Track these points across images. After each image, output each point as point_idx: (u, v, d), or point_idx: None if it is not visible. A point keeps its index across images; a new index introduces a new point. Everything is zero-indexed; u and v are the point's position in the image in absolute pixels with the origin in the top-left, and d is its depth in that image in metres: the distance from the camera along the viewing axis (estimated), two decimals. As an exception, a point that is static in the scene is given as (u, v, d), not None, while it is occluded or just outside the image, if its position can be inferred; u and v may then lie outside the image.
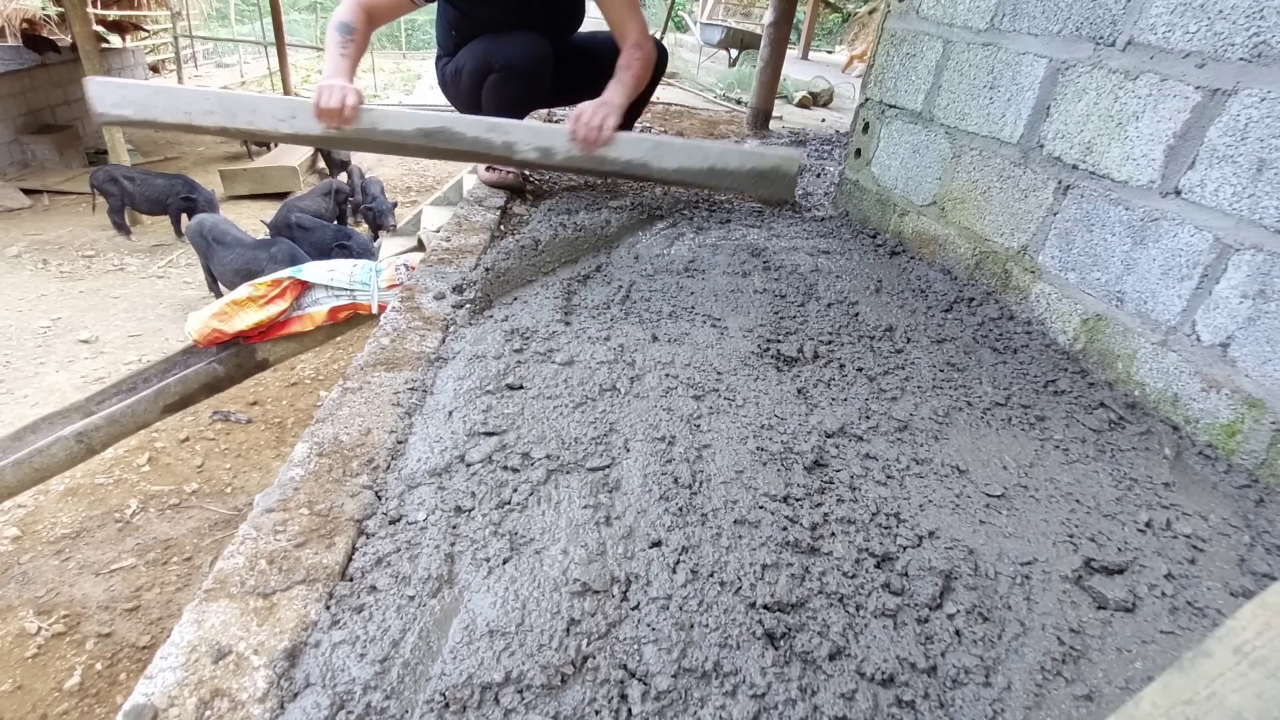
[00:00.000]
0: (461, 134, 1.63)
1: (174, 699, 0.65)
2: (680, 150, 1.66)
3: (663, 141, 1.67)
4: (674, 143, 1.68)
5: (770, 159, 1.67)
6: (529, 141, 1.63)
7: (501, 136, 1.63)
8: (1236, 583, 0.92)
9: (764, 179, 1.66)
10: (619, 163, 1.65)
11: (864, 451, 1.10)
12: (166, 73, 13.78)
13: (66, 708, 2.16)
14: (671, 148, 1.66)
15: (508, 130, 1.63)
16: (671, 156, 1.65)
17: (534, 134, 1.64)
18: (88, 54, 6.10)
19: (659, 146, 1.66)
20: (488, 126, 1.65)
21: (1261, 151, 1.11)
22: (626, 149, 1.65)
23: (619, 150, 1.65)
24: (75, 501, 3.01)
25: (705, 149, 1.65)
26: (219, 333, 2.00)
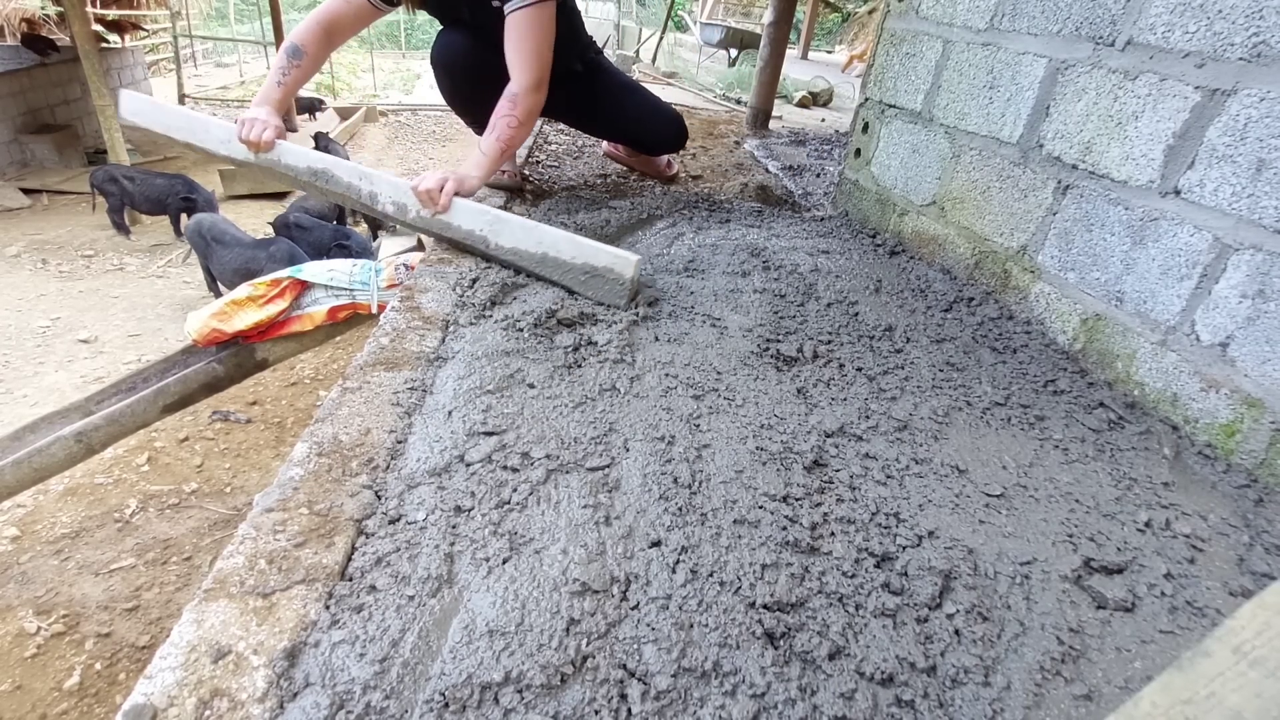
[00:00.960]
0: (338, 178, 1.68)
1: (173, 699, 0.65)
2: (517, 229, 1.55)
3: (500, 217, 1.57)
4: (511, 220, 1.56)
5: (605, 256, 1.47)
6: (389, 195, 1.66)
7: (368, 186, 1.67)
8: (1236, 582, 0.92)
9: (595, 278, 1.48)
10: (460, 231, 1.61)
11: (864, 451, 1.10)
12: (166, 72, 13.78)
13: (66, 707, 2.16)
14: (509, 225, 1.56)
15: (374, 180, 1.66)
16: (508, 234, 1.56)
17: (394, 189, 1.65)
18: (87, 54, 6.09)
19: (497, 222, 1.57)
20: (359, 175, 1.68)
21: (1261, 151, 1.11)
22: (466, 219, 1.61)
23: (459, 219, 1.61)
24: (75, 501, 3.01)
25: (541, 233, 1.53)
26: (218, 332, 2.00)
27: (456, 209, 1.62)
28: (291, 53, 1.80)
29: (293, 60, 1.80)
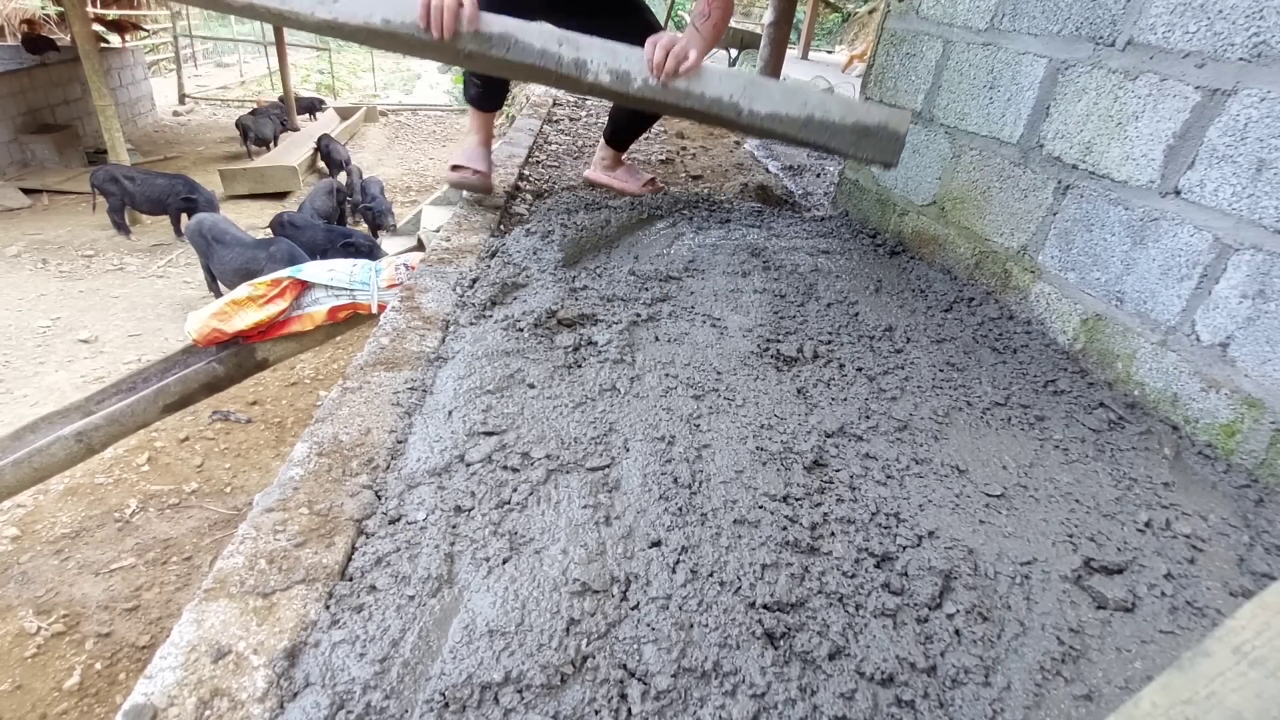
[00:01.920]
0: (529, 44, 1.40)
1: (174, 699, 0.65)
2: (776, 93, 1.41)
3: (756, 80, 1.43)
4: (768, 83, 1.43)
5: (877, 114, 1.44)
6: (603, 62, 1.41)
7: (571, 52, 1.40)
8: (1236, 582, 0.92)
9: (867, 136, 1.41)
10: (705, 99, 1.41)
11: (864, 451, 1.10)
12: (166, 72, 13.78)
13: (66, 707, 2.16)
14: (765, 88, 1.41)
15: (579, 45, 1.40)
16: (765, 98, 1.40)
17: (609, 54, 1.41)
18: (87, 53, 6.10)
19: (751, 85, 1.42)
20: (557, 39, 1.41)
21: (1261, 151, 1.11)
22: (713, 84, 1.42)
23: (704, 85, 1.42)
24: (75, 501, 3.01)
25: (805, 94, 1.41)
26: (219, 332, 2.00)
27: (703, 74, 1.44)
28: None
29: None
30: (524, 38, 1.41)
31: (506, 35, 1.40)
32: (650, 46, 1.43)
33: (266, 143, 9.37)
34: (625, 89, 1.42)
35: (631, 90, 1.42)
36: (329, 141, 8.81)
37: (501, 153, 2.73)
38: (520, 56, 1.41)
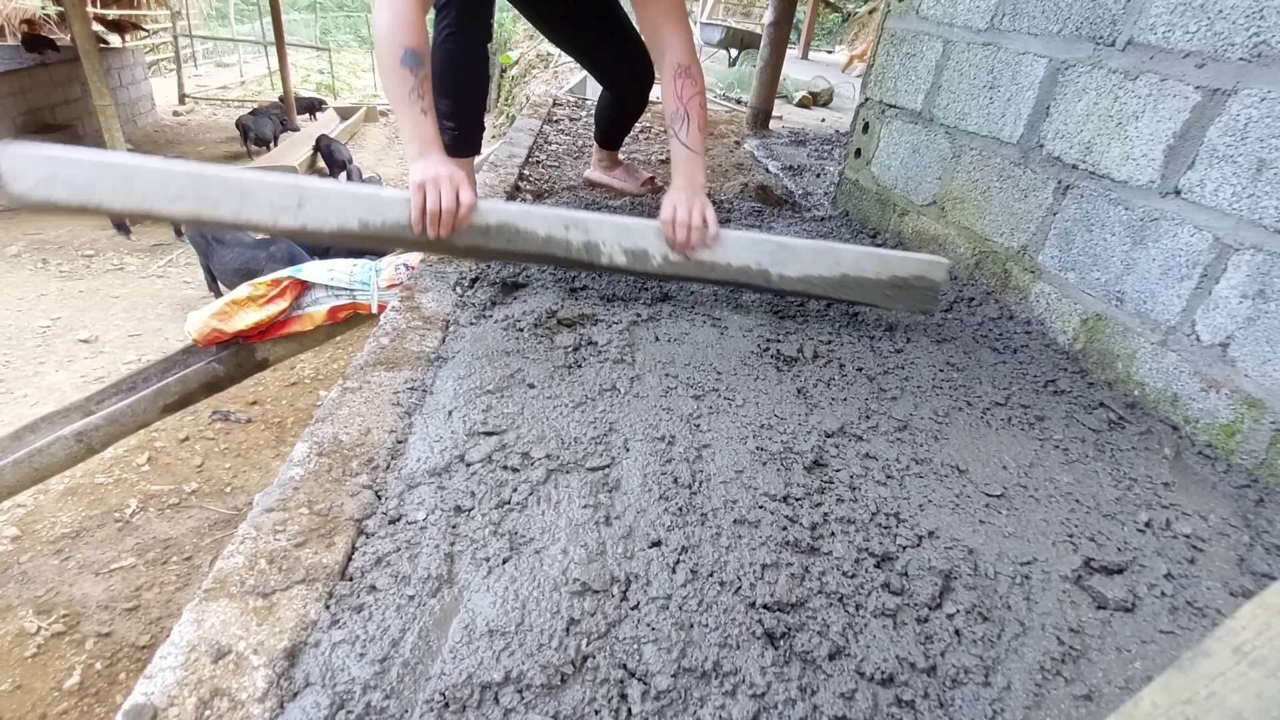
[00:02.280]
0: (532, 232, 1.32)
1: (174, 698, 0.65)
2: (806, 254, 1.35)
3: (784, 244, 1.35)
4: (798, 246, 1.35)
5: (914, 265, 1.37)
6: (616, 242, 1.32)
7: (580, 236, 1.32)
8: (1236, 582, 0.92)
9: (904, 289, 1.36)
10: (731, 269, 1.35)
11: (864, 451, 1.10)
12: (166, 72, 13.79)
13: (66, 707, 2.16)
14: (795, 251, 1.35)
15: (588, 227, 1.32)
16: (795, 262, 1.34)
17: (622, 232, 1.32)
18: (87, 53, 6.10)
19: (780, 250, 1.34)
20: (563, 222, 1.32)
21: (1261, 151, 1.11)
22: (739, 252, 1.34)
23: (729, 254, 1.34)
24: (75, 501, 3.01)
25: (837, 253, 1.35)
26: (219, 332, 2.00)
27: (727, 241, 1.35)
28: (412, 61, 1.30)
29: (417, 72, 1.31)
30: (526, 225, 1.32)
31: (506, 226, 1.32)
32: (668, 225, 1.35)
33: (266, 143, 9.37)
34: (644, 268, 1.34)
35: (651, 268, 1.34)
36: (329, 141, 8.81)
37: (502, 153, 2.73)
38: (524, 246, 1.33)
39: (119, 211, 1.27)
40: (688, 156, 1.44)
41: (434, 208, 1.25)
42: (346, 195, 1.29)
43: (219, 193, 1.24)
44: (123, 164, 1.23)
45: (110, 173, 1.22)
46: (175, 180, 1.23)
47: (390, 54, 1.29)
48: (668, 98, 1.47)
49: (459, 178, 1.28)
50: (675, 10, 1.47)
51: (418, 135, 1.30)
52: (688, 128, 1.44)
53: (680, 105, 1.44)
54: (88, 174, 1.21)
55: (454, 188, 1.26)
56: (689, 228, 1.33)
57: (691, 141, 1.44)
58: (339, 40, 19.74)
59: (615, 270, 1.34)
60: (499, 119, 8.72)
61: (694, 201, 1.36)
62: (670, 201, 1.37)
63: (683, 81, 1.45)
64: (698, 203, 1.36)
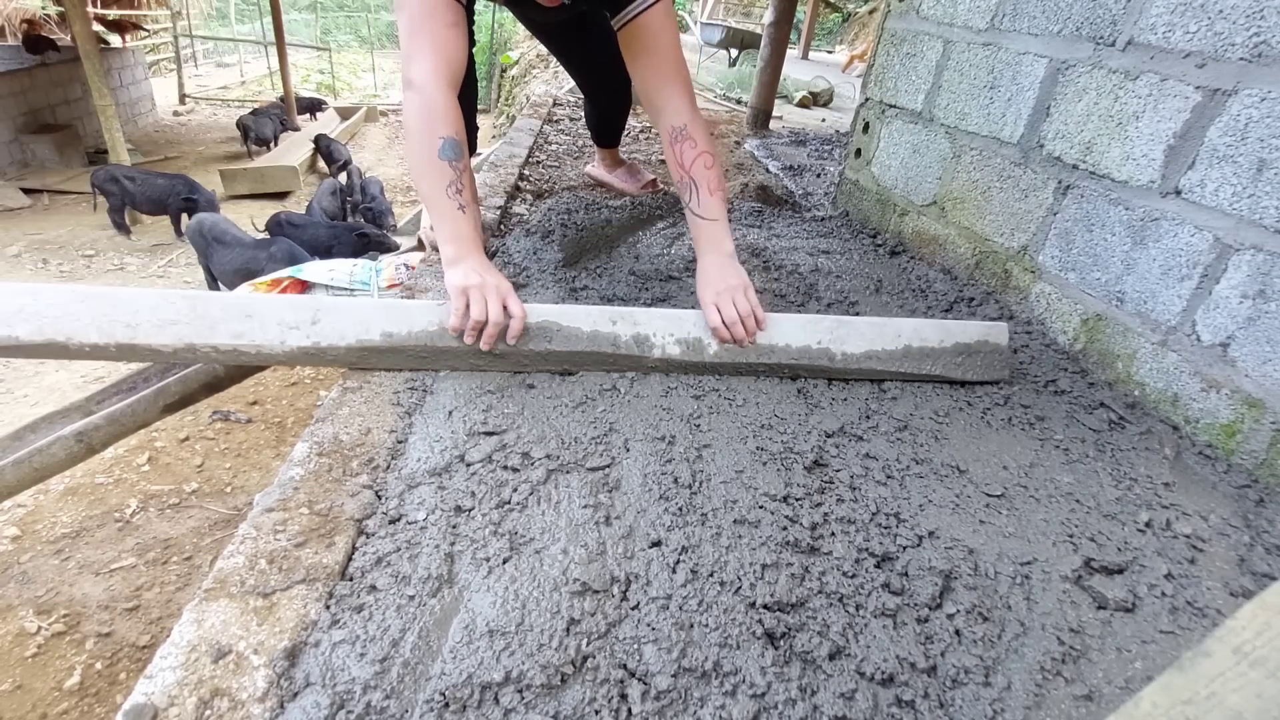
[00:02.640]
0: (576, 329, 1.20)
1: (174, 698, 0.65)
2: (865, 328, 1.27)
3: (844, 321, 1.27)
4: (857, 323, 1.27)
5: (973, 330, 1.30)
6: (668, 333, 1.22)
7: (628, 330, 1.21)
8: (1236, 583, 0.92)
9: (970, 355, 1.28)
10: (790, 352, 1.25)
11: (864, 451, 1.10)
12: (166, 72, 13.79)
13: (66, 707, 2.16)
14: (855, 329, 1.26)
15: (636, 320, 1.22)
16: (855, 338, 1.26)
17: (674, 322, 1.23)
18: (87, 53, 6.10)
19: (840, 327, 1.26)
20: (610, 317, 1.21)
21: (1262, 151, 1.11)
22: (796, 333, 1.25)
23: (787, 335, 1.25)
24: (75, 501, 3.01)
25: (895, 325, 1.27)
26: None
27: (780, 322, 1.26)
28: (451, 151, 1.17)
29: (455, 164, 1.18)
30: (568, 323, 1.20)
31: (547, 325, 1.19)
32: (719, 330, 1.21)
33: (267, 143, 9.38)
34: (700, 358, 1.23)
35: (707, 359, 1.23)
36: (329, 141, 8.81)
37: (502, 153, 2.73)
38: (566, 345, 1.19)
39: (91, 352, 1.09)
40: (706, 227, 1.32)
41: (479, 319, 1.11)
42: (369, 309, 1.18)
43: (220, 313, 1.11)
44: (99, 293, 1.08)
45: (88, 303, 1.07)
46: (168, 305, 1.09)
47: (425, 146, 1.16)
48: (671, 166, 1.37)
49: (505, 288, 1.15)
50: (670, 66, 1.35)
51: (456, 236, 1.17)
52: (697, 197, 1.32)
53: (684, 174, 1.33)
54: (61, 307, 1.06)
55: (500, 298, 1.13)
56: (739, 324, 1.21)
57: (705, 210, 1.32)
58: (339, 40, 19.75)
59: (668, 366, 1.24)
60: (499, 119, 8.72)
61: (733, 291, 1.23)
62: (708, 301, 1.23)
63: (681, 146, 1.33)
64: (736, 290, 1.24)
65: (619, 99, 2.24)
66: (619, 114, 2.31)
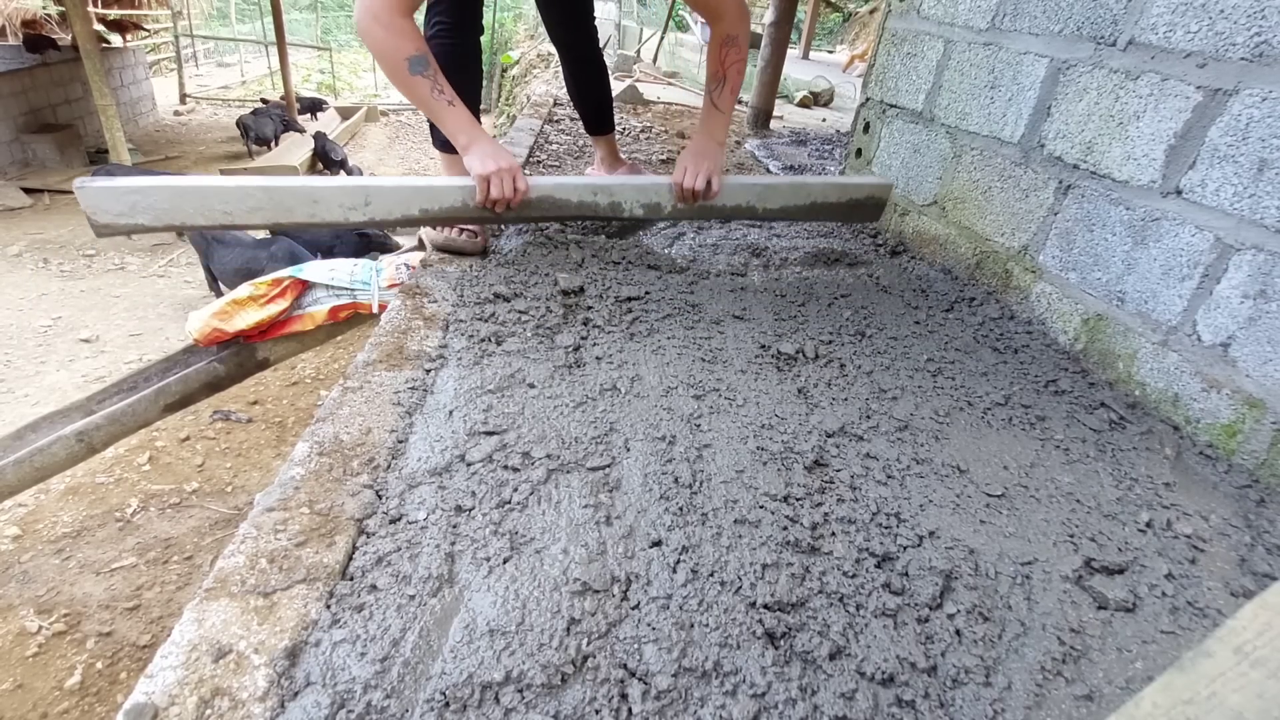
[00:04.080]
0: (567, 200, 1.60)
1: (174, 698, 0.65)
2: (785, 189, 1.72)
3: (770, 185, 1.71)
4: (780, 185, 1.73)
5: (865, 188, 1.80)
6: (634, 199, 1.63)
7: (606, 198, 1.62)
8: (1237, 583, 0.92)
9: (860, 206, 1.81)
10: (724, 210, 1.70)
11: (864, 451, 1.10)
12: (167, 72, 13.79)
13: (67, 706, 2.16)
14: (776, 190, 1.71)
15: (612, 190, 1.62)
16: (775, 197, 1.71)
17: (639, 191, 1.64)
18: (88, 53, 6.10)
19: (766, 190, 1.70)
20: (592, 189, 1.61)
21: (1262, 151, 1.11)
22: (733, 196, 1.68)
23: (725, 197, 1.67)
24: (76, 500, 3.01)
25: (808, 188, 1.75)
26: (219, 332, 2.00)
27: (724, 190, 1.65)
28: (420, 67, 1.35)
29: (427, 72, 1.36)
30: (561, 195, 1.58)
31: (546, 197, 1.56)
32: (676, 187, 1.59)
33: (267, 142, 9.37)
34: (658, 215, 1.68)
35: (663, 215, 1.68)
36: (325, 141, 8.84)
37: (502, 152, 2.73)
38: (560, 211, 1.61)
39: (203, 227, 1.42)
40: (714, 115, 1.61)
41: (498, 195, 1.45)
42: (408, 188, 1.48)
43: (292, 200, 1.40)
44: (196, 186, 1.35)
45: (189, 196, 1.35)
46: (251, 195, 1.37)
47: (396, 67, 1.32)
48: (712, 60, 1.59)
49: (515, 168, 1.46)
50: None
51: (459, 128, 1.42)
52: (722, 89, 1.59)
53: (721, 69, 1.57)
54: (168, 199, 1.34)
55: (512, 177, 1.45)
56: (694, 192, 1.57)
57: (722, 102, 1.60)
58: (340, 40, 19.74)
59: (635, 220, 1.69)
60: (499, 118, 8.72)
61: (701, 166, 1.57)
62: (682, 163, 1.59)
63: (728, 50, 1.56)
64: (705, 165, 1.57)
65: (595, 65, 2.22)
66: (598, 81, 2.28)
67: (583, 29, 2.15)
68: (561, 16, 2.12)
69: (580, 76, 2.26)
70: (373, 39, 1.32)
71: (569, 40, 2.19)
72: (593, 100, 2.32)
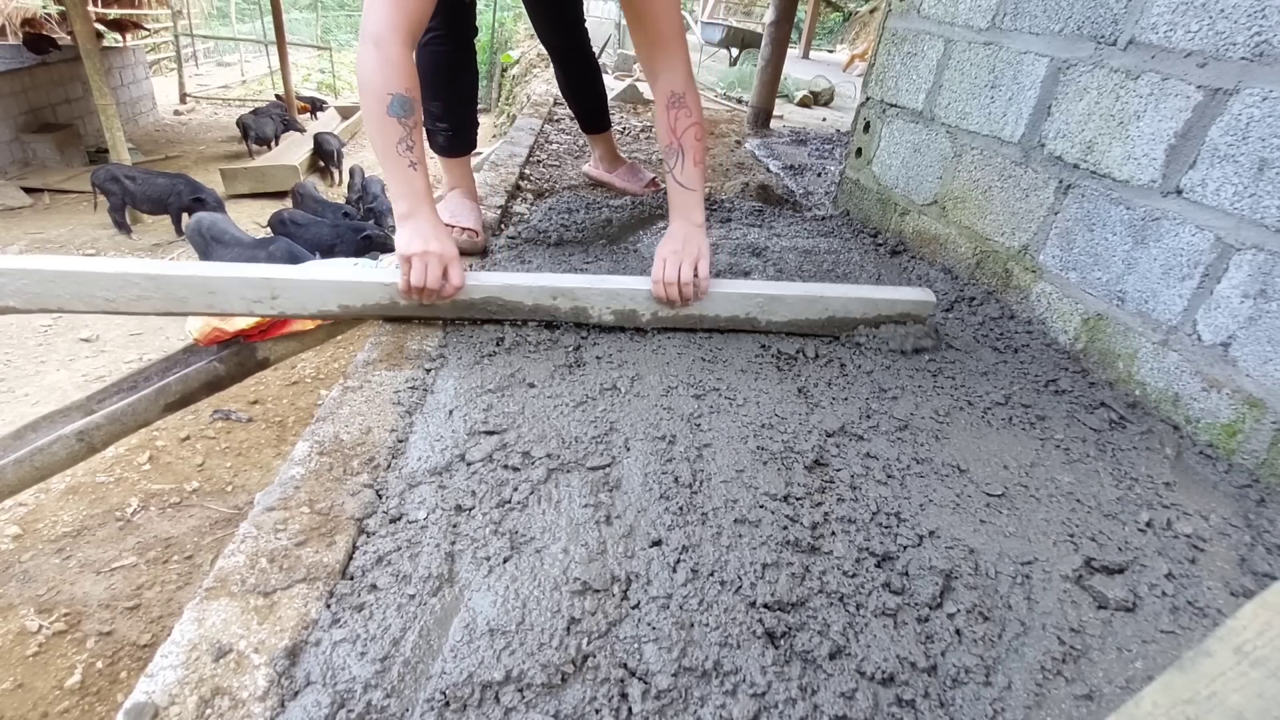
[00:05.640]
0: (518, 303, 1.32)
1: (175, 697, 0.65)
2: (796, 303, 1.37)
3: (774, 296, 1.37)
4: (787, 296, 1.37)
5: (901, 305, 1.39)
6: (605, 305, 1.34)
7: (568, 302, 1.33)
8: (1237, 582, 0.92)
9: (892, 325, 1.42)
10: (718, 321, 1.38)
11: (864, 451, 1.10)
12: (167, 72, 13.79)
13: (67, 706, 2.16)
14: (784, 302, 1.37)
15: (575, 294, 1.32)
16: (784, 311, 1.38)
17: (609, 296, 1.33)
18: (88, 53, 6.10)
19: (770, 303, 1.37)
20: (551, 292, 1.32)
21: (1263, 151, 1.11)
22: (726, 305, 1.36)
23: (717, 306, 1.35)
24: (76, 500, 3.01)
25: (825, 300, 1.38)
26: (220, 331, 2.00)
27: (714, 296, 1.35)
28: (402, 108, 1.19)
29: (405, 121, 1.20)
30: (512, 298, 1.32)
31: (492, 299, 1.32)
32: (657, 285, 1.31)
33: (267, 142, 9.38)
34: (635, 323, 1.37)
35: (643, 324, 1.37)
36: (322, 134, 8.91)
37: (502, 152, 2.73)
38: (511, 314, 1.34)
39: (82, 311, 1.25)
40: (682, 196, 1.39)
41: (419, 283, 1.22)
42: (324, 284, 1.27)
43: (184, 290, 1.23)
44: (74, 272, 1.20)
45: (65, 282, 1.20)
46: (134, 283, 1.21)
47: (376, 101, 1.18)
48: (661, 129, 1.42)
49: (448, 256, 1.23)
50: (670, 32, 1.38)
51: (407, 192, 1.23)
52: (682, 163, 1.38)
53: (674, 139, 1.38)
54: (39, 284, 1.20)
55: (441, 267, 1.23)
56: (677, 286, 1.29)
57: (687, 179, 1.39)
58: (340, 39, 19.74)
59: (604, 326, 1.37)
60: (499, 118, 8.72)
61: (686, 254, 1.31)
62: (662, 256, 1.32)
63: (676, 113, 1.38)
64: (689, 255, 1.31)
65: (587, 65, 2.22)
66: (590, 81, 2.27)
67: (572, 32, 2.15)
68: (550, 19, 2.12)
69: (572, 77, 2.26)
70: (365, 64, 1.19)
71: (558, 43, 2.19)
72: (586, 100, 2.32)
